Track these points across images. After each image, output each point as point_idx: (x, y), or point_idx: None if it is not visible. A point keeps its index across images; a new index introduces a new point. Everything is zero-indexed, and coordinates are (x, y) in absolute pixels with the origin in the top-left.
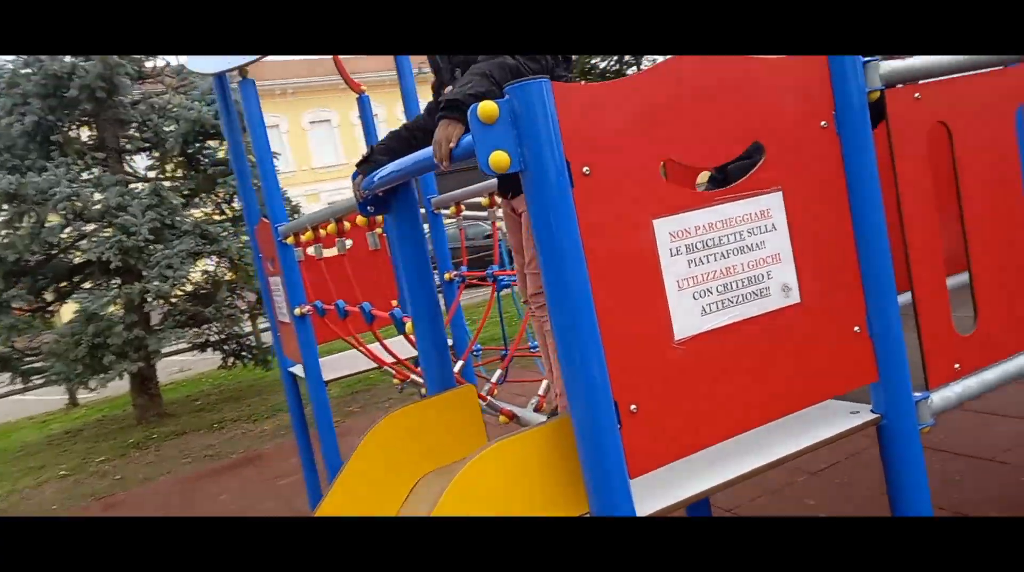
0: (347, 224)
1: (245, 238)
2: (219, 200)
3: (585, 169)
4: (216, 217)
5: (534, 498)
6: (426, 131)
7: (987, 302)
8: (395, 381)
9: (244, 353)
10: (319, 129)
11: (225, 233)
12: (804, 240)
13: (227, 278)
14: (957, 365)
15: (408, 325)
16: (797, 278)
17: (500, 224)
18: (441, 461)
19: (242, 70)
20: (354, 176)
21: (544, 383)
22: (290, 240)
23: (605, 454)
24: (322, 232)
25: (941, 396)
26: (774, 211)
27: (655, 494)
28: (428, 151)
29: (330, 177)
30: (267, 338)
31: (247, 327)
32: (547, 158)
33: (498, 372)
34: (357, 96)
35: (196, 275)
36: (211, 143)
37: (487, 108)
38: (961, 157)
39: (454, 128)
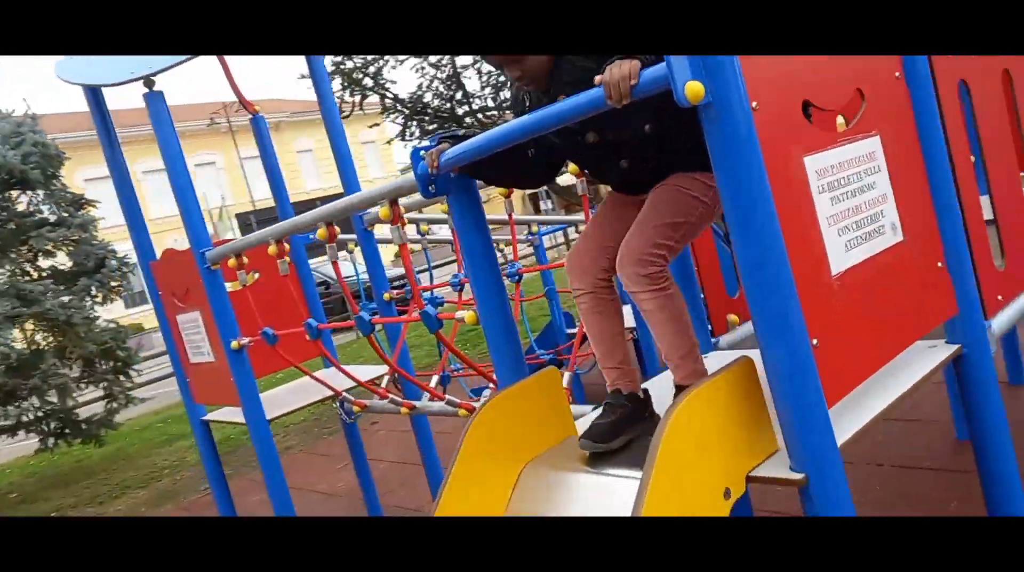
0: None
1: (68, 298)
2: (22, 259)
3: (754, 104)
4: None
5: (729, 443)
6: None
7: (1009, 241)
8: (356, 409)
9: (68, 430)
10: (155, 179)
11: (47, 292)
12: (899, 181)
13: (49, 345)
14: (1000, 297)
15: (470, 315)
16: (899, 217)
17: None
18: (537, 449)
19: (148, 80)
20: (422, 149)
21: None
22: (232, 263)
23: (807, 388)
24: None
25: (998, 323)
26: (876, 154)
27: None
28: (555, 108)
29: (171, 227)
30: (96, 409)
31: (79, 398)
32: (734, 90)
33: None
34: (251, 117)
35: (13, 343)
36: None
37: None
38: (979, 113)
39: (630, 64)
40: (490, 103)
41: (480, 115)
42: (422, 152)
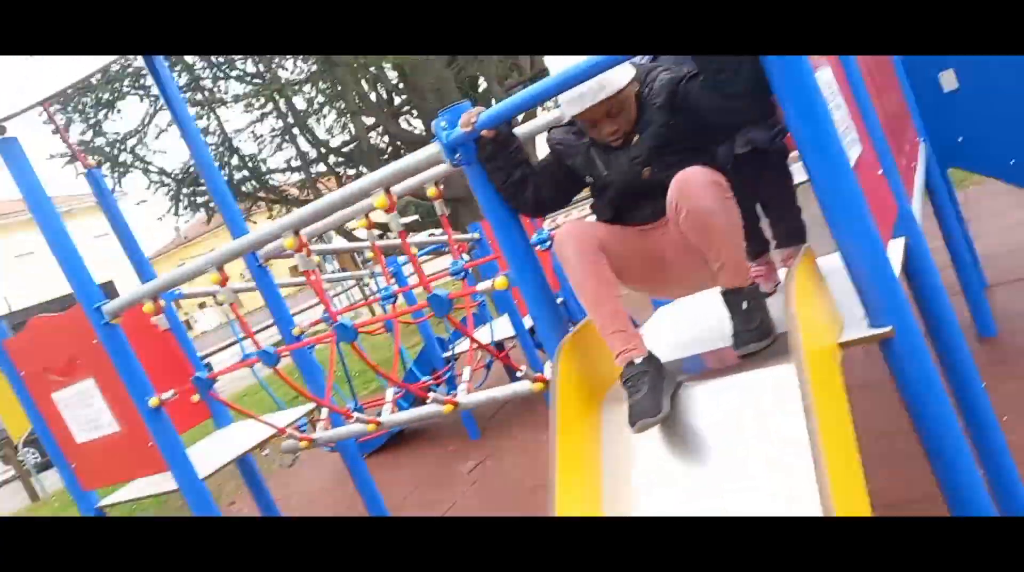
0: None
1: None
2: None
3: None
4: None
5: (822, 314)
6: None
7: None
8: (302, 445)
9: None
10: None
11: None
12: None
13: None
14: None
15: (500, 280)
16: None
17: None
18: (607, 384)
19: None
20: (444, 117)
21: None
22: (148, 308)
23: (881, 254)
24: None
25: None
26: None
27: None
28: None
29: None
30: None
31: None
32: None
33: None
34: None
35: None
36: None
37: None
38: None
39: None
40: (262, 168)
41: (266, 178)
42: (443, 122)
